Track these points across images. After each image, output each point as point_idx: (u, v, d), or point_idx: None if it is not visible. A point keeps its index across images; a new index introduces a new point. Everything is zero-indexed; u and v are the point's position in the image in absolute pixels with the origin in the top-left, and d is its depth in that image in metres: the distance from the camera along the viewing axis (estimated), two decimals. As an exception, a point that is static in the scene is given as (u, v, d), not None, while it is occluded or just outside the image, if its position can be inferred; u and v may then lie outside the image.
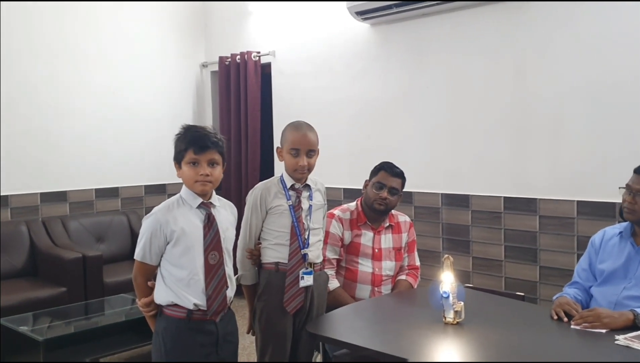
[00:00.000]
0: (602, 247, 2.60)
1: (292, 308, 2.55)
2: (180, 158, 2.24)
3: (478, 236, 4.16)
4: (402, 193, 3.13)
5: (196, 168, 2.22)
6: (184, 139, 2.24)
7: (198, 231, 2.24)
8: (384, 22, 4.54)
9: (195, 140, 2.21)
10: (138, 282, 2.30)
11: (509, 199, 4.00)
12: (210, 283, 2.23)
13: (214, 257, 2.25)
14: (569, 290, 2.60)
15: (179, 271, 2.22)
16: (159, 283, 2.26)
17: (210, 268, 2.24)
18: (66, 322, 3.83)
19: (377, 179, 3.08)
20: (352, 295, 3.02)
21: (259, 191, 2.61)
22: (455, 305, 2.35)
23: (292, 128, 2.62)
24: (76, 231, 4.96)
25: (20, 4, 4.83)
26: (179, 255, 2.21)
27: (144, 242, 2.23)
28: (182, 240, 2.21)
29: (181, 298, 2.20)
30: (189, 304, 2.20)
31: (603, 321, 2.25)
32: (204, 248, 2.23)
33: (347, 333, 2.44)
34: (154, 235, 2.21)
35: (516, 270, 3.99)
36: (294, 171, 2.59)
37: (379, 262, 3.07)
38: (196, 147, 2.20)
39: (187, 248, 2.21)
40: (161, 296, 2.25)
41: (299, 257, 2.55)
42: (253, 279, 2.65)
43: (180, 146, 2.24)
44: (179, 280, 2.21)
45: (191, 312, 2.21)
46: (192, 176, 2.22)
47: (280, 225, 2.57)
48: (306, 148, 2.57)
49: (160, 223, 2.21)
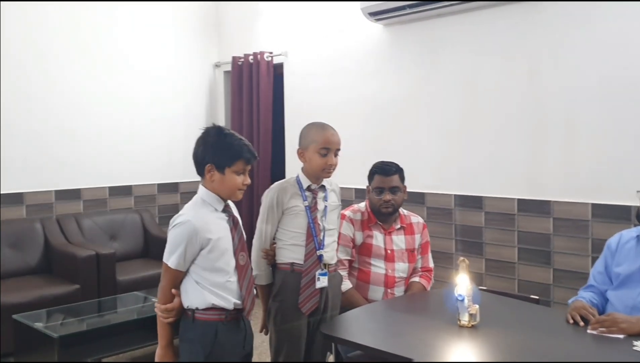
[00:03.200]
0: (618, 250, 2.57)
1: (307, 309, 2.55)
2: (226, 164, 2.23)
3: (491, 237, 4.15)
4: (405, 186, 3.13)
5: (241, 177, 2.26)
6: (234, 147, 2.24)
7: (228, 234, 2.26)
8: (397, 22, 4.53)
9: (247, 151, 2.24)
10: (165, 290, 2.27)
11: (522, 201, 3.98)
12: (244, 284, 2.26)
13: (242, 258, 2.28)
14: (584, 294, 2.58)
15: (216, 276, 2.22)
16: (192, 288, 2.24)
17: (242, 269, 2.27)
18: (79, 319, 3.85)
19: (375, 184, 3.08)
20: (365, 296, 3.02)
21: (275, 192, 2.62)
22: (471, 308, 2.35)
23: (318, 128, 2.63)
24: (90, 229, 5.00)
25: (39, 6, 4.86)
26: (215, 259, 2.22)
27: (180, 250, 2.19)
28: (217, 246, 2.21)
29: (222, 299, 2.21)
30: (229, 305, 2.22)
31: (620, 326, 2.23)
32: (233, 251, 2.26)
33: (361, 335, 2.44)
34: (190, 243, 2.18)
35: (530, 272, 3.97)
36: (322, 171, 2.59)
37: (392, 264, 3.06)
38: (246, 158, 2.24)
39: (222, 253, 2.23)
40: (197, 300, 2.22)
41: (314, 258, 2.56)
42: (268, 279, 2.65)
43: (228, 152, 2.23)
44: (215, 283, 2.22)
45: (229, 313, 2.23)
46: (237, 184, 2.25)
47: (296, 226, 2.58)
48: (335, 147, 2.60)
49: (197, 231, 2.18)
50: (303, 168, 2.67)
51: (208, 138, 2.27)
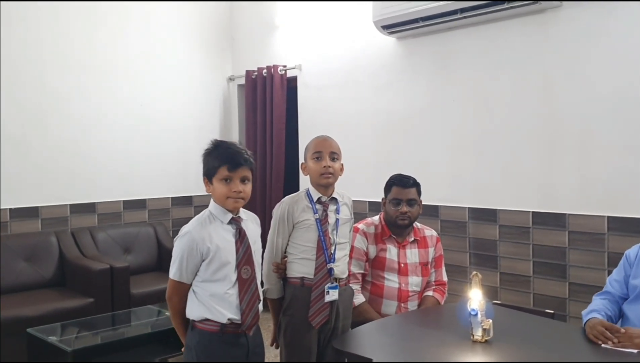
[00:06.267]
0: (636, 262, 2.54)
1: (317, 322, 2.54)
2: (212, 174, 2.25)
3: (506, 251, 4.11)
4: (421, 200, 3.12)
5: (229, 185, 2.23)
6: (217, 156, 2.25)
7: (231, 246, 2.25)
8: (409, 35, 4.54)
9: (229, 157, 2.23)
10: (174, 302, 2.29)
11: (537, 214, 3.94)
12: (244, 298, 2.24)
13: (246, 272, 2.26)
14: (598, 302, 2.55)
15: (213, 287, 2.22)
16: (190, 298, 2.27)
17: (244, 282, 2.25)
18: (93, 333, 3.86)
19: (392, 196, 3.07)
20: (378, 310, 3.00)
21: (286, 205, 2.62)
22: (484, 323, 2.32)
23: (313, 139, 2.70)
24: (104, 243, 5.03)
25: (50, 19, 4.94)
26: (213, 271, 2.22)
27: (179, 261, 2.22)
28: (217, 257, 2.22)
29: (214, 313, 2.21)
30: (222, 319, 2.21)
31: (634, 341, 2.21)
32: (236, 263, 2.25)
33: (373, 350, 2.41)
34: (190, 254, 2.21)
35: (545, 286, 3.92)
36: (320, 176, 2.59)
37: (406, 277, 3.04)
38: (230, 164, 2.22)
39: (222, 265, 2.22)
40: (193, 312, 2.26)
41: (324, 272, 2.55)
42: (279, 293, 2.65)
43: (212, 162, 2.25)
44: (212, 295, 2.22)
45: (224, 326, 2.22)
46: (225, 192, 2.24)
47: (307, 239, 2.58)
48: (328, 150, 2.60)
49: (195, 242, 2.20)
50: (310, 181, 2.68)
51: (205, 152, 2.30)
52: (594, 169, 3.69)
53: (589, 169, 3.70)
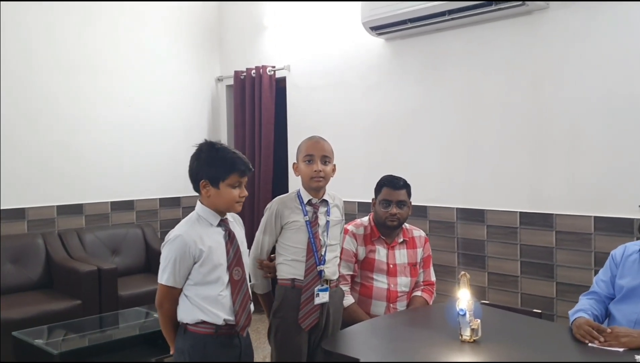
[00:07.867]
0: (622, 262, 2.56)
1: (307, 325, 2.54)
2: (220, 178, 2.24)
3: (494, 251, 4.13)
4: (410, 201, 3.12)
5: (238, 190, 2.26)
6: (228, 161, 2.24)
7: (222, 248, 2.25)
8: (398, 37, 4.55)
9: (240, 163, 2.25)
10: (165, 308, 2.26)
11: (525, 214, 3.96)
12: (237, 299, 2.24)
13: (237, 273, 2.26)
14: (584, 302, 2.57)
15: (206, 290, 2.21)
16: (182, 302, 2.25)
17: (235, 284, 2.25)
18: (81, 335, 3.84)
19: (382, 196, 3.07)
20: (367, 311, 3.00)
21: (275, 206, 2.62)
22: (472, 323, 2.33)
23: (305, 140, 2.69)
24: (91, 244, 4.99)
25: (42, 19, 4.91)
26: (205, 273, 2.21)
27: (172, 266, 2.19)
28: (209, 259, 2.21)
29: (210, 316, 2.20)
30: (218, 320, 2.21)
31: (621, 340, 2.23)
32: (227, 265, 2.24)
33: (363, 351, 2.41)
34: (182, 258, 2.19)
35: (532, 286, 3.94)
36: (311, 179, 2.59)
37: (394, 278, 3.05)
38: (240, 171, 2.25)
39: (214, 267, 2.22)
40: (187, 315, 2.23)
41: (314, 274, 2.55)
42: (265, 288, 2.68)
43: (222, 167, 2.24)
44: (205, 298, 2.21)
45: (219, 328, 2.22)
46: (234, 197, 2.25)
47: (297, 241, 2.58)
48: (320, 153, 2.59)
49: (188, 245, 2.19)
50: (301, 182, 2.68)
51: (201, 154, 2.28)
52: (581, 169, 3.71)
53: (577, 169, 3.73)
